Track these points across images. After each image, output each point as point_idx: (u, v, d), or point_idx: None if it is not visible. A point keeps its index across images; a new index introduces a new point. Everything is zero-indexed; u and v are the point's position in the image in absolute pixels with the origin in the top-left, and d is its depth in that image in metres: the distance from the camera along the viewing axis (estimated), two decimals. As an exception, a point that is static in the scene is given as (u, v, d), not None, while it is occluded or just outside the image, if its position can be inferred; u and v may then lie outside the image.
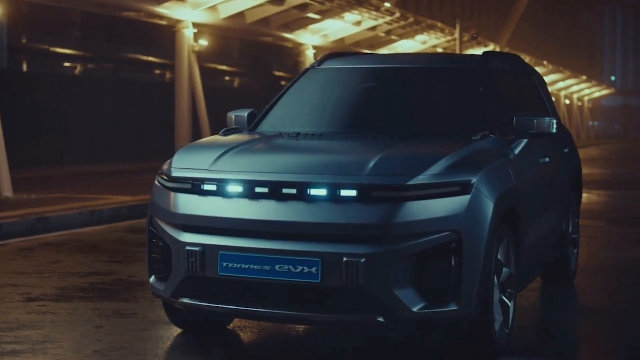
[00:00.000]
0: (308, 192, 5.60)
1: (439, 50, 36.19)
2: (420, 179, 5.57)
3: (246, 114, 7.31)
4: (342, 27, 27.45)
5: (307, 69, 7.70)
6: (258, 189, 5.69)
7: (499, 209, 5.87)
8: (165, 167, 6.27)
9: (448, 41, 35.21)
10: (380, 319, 5.52)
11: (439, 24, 33.24)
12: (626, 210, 15.78)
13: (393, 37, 31.11)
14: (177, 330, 6.66)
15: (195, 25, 21.14)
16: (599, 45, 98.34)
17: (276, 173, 5.73)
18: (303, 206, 5.59)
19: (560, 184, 8.13)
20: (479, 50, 39.16)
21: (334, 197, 5.56)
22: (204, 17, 21.36)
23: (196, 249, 5.75)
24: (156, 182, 6.30)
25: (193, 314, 6.44)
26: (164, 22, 21.00)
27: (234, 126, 7.35)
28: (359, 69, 7.49)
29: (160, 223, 6.05)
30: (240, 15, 22.69)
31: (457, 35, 34.71)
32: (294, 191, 5.62)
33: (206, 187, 5.85)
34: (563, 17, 77.22)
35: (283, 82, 36.91)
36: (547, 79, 50.46)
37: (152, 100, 26.64)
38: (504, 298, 6.17)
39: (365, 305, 5.52)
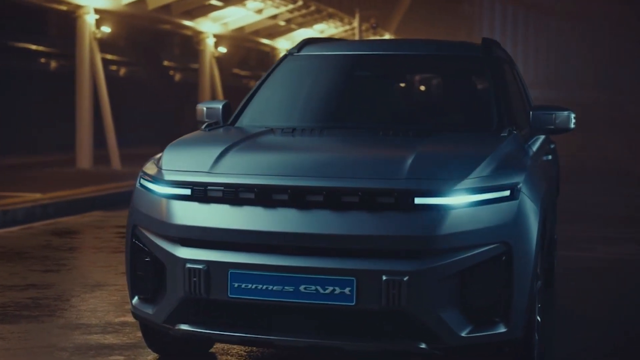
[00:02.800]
0: (338, 200, 4.76)
1: (336, 39, 35.47)
2: (466, 184, 4.80)
3: (221, 106, 6.42)
4: (244, 15, 26.50)
5: (285, 56, 6.86)
6: (276, 196, 4.83)
7: (542, 214, 5.17)
8: (150, 169, 5.34)
9: (346, 30, 34.60)
10: (423, 346, 4.74)
11: (340, 13, 32.58)
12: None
13: (293, 26, 30.30)
14: (154, 355, 5.76)
15: (96, 11, 19.92)
16: (478, 36, 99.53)
17: (297, 177, 4.87)
18: (332, 216, 4.75)
19: (554, 183, 7.51)
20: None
21: (369, 205, 4.74)
22: (105, 3, 20.15)
23: (200, 266, 4.85)
24: (139, 185, 5.36)
25: (175, 338, 5.52)
26: (63, 8, 19.70)
27: (206, 120, 6.47)
28: (348, 56, 6.68)
29: (149, 235, 5.12)
30: (142, 1, 21.53)
31: (356, 24, 34.13)
32: (320, 198, 4.77)
33: (210, 193, 4.95)
34: (446, 8, 77.77)
35: (171, 72, 35.63)
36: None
37: (41, 90, 25.17)
38: (537, 315, 5.47)
39: (407, 331, 4.73)
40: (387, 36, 40.11)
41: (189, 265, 4.87)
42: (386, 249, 4.69)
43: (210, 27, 25.86)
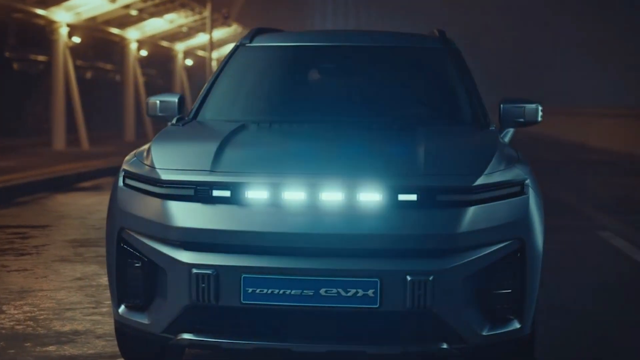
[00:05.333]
0: (358, 198, 4.57)
1: (184, 29, 34.94)
2: (484, 179, 4.69)
3: (176, 100, 6.10)
4: (99, 4, 25.67)
5: (237, 46, 6.57)
6: (289, 195, 4.58)
7: (544, 208, 5.12)
8: (136, 167, 4.98)
9: (195, 20, 34.04)
10: (445, 346, 4.61)
11: (192, 3, 32.00)
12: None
13: (145, 15, 29.59)
14: (126, 367, 5.42)
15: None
16: (310, 25, 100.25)
17: (311, 174, 4.63)
18: (352, 215, 4.55)
19: None
20: (223, 30, 38.26)
21: (390, 203, 4.56)
22: (-42, -10, 19.18)
23: (208, 271, 4.56)
24: (122, 185, 5.00)
25: (148, 344, 5.17)
26: None
27: (159, 114, 6.14)
28: (309, 48, 6.45)
29: (142, 239, 4.78)
30: (-4, -11, 20.60)
31: (207, 14, 33.60)
32: (339, 196, 4.57)
33: (216, 193, 4.66)
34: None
35: (13, 64, 34.28)
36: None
37: None
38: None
39: (430, 332, 4.59)
40: (234, 26, 39.71)
41: (195, 270, 4.57)
42: (410, 248, 4.53)
43: (63, 17, 24.97)
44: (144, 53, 34.06)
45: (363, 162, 4.75)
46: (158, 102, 6.14)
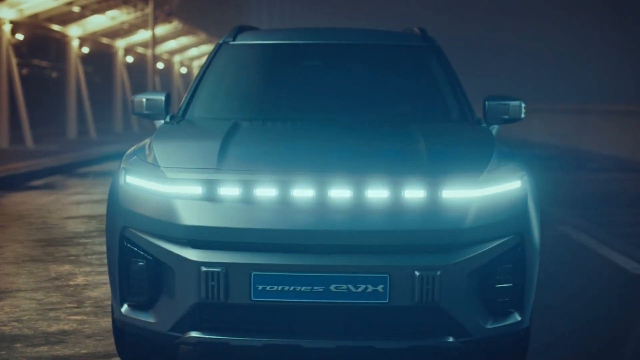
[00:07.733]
0: (366, 194, 4.63)
1: (126, 26, 34.67)
2: (488, 175, 4.80)
3: (164, 97, 6.08)
4: (42, 0, 25.38)
5: (220, 45, 6.58)
6: (297, 192, 4.64)
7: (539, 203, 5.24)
8: (138, 166, 4.97)
9: (137, 17, 33.79)
10: (450, 340, 4.69)
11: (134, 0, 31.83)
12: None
13: (87, 12, 29.33)
14: (122, 366, 5.42)
15: None
16: (246, 21, 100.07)
17: (318, 171, 4.69)
18: (360, 211, 4.62)
19: None
20: (163, 27, 38.01)
21: (398, 199, 4.64)
22: None
23: (218, 269, 4.59)
24: (123, 184, 4.99)
25: (151, 343, 5.19)
26: None
27: (145, 112, 6.12)
28: (293, 46, 6.49)
29: (147, 237, 4.79)
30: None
31: (149, 10, 33.35)
32: (348, 193, 4.63)
33: (224, 191, 4.68)
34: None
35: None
36: (198, 50, 50.06)
37: None
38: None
39: (437, 326, 4.67)
40: (175, 23, 39.46)
41: (204, 268, 4.60)
42: (417, 243, 4.61)
43: (7, 14, 24.65)
44: (85, 50, 33.72)
45: (370, 159, 4.82)
46: (144, 100, 6.11)
